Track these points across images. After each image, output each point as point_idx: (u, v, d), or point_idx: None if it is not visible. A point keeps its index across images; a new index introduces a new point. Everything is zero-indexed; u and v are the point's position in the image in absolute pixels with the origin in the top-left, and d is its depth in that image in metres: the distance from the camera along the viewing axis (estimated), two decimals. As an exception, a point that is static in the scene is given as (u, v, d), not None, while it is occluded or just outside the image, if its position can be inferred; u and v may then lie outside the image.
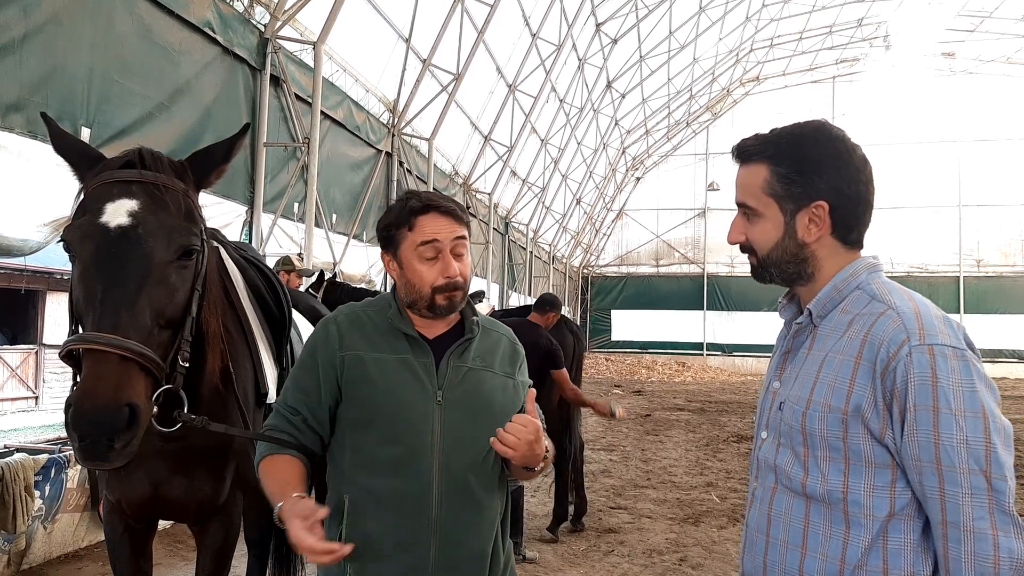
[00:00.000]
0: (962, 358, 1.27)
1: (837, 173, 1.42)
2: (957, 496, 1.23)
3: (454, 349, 1.80)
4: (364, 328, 1.81)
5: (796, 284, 1.52)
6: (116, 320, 1.79)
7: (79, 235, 1.88)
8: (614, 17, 18.21)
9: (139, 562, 2.54)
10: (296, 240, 9.00)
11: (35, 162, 5.36)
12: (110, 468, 1.86)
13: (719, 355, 28.61)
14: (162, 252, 1.91)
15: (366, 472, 1.73)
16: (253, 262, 3.08)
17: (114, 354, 1.75)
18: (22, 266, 14.58)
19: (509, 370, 1.89)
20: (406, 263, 1.79)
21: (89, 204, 1.93)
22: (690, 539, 5.92)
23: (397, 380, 1.75)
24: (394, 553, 1.70)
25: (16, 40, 4.96)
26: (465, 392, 1.78)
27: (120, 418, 1.72)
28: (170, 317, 1.95)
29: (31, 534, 4.74)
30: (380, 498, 1.72)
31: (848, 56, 27.66)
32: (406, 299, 1.82)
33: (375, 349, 1.78)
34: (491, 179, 16.71)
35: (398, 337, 1.80)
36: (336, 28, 8.78)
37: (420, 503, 1.71)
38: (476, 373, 1.82)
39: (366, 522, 1.71)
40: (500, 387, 1.85)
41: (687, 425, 12.77)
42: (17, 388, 17.44)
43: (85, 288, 1.85)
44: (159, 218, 1.93)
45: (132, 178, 1.95)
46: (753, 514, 1.50)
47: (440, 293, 1.78)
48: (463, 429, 1.75)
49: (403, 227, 1.79)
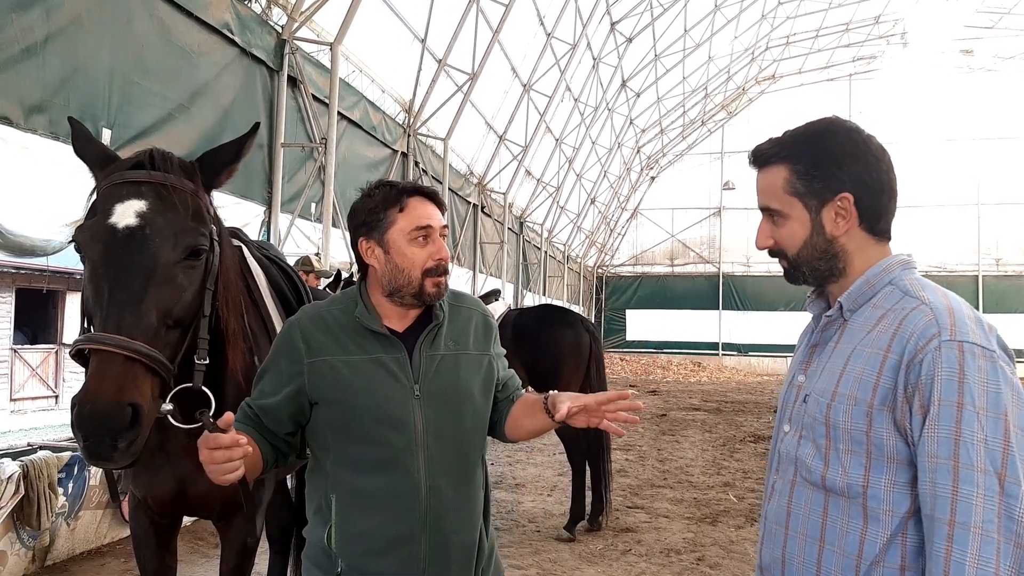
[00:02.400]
0: (990, 359, 1.25)
1: (856, 163, 1.42)
2: (971, 496, 1.19)
3: (424, 338, 1.78)
4: (330, 330, 1.77)
5: (828, 282, 1.50)
6: (122, 320, 1.81)
7: (89, 236, 1.91)
8: (629, 16, 18.17)
9: (164, 557, 2.58)
10: (313, 240, 9.05)
11: (57, 163, 5.43)
12: (115, 468, 1.88)
13: (735, 355, 28.47)
14: (169, 252, 1.93)
15: (352, 472, 1.72)
16: (275, 261, 3.11)
17: (119, 354, 1.77)
18: (44, 266, 14.75)
19: (484, 346, 1.88)
20: (394, 246, 1.76)
21: (99, 205, 1.96)
22: (708, 539, 5.91)
23: (372, 380, 1.73)
24: (387, 550, 1.70)
25: (38, 42, 5.02)
26: (442, 382, 1.77)
27: (122, 418, 1.73)
28: (178, 317, 1.96)
29: (55, 530, 4.81)
30: (368, 497, 1.71)
31: (865, 54, 27.44)
32: (389, 286, 1.78)
33: (345, 351, 1.75)
34: (506, 179, 16.71)
35: (366, 336, 1.76)
36: (352, 29, 8.82)
37: (409, 499, 1.71)
38: (450, 359, 1.80)
39: (356, 521, 1.71)
40: (476, 366, 1.84)
41: (703, 425, 12.74)
42: (38, 387, 17.64)
43: (94, 288, 1.88)
44: (166, 218, 1.95)
45: (141, 179, 1.98)
46: (772, 507, 1.50)
47: (430, 277, 1.76)
48: (444, 421, 1.75)
49: (392, 208, 1.77)
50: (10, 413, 16.50)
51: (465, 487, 1.79)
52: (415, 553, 1.71)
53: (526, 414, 1.86)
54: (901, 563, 1.30)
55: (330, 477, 1.75)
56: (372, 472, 1.71)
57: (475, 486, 1.82)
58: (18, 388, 17.19)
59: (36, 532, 4.63)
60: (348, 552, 1.71)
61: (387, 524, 1.70)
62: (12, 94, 4.88)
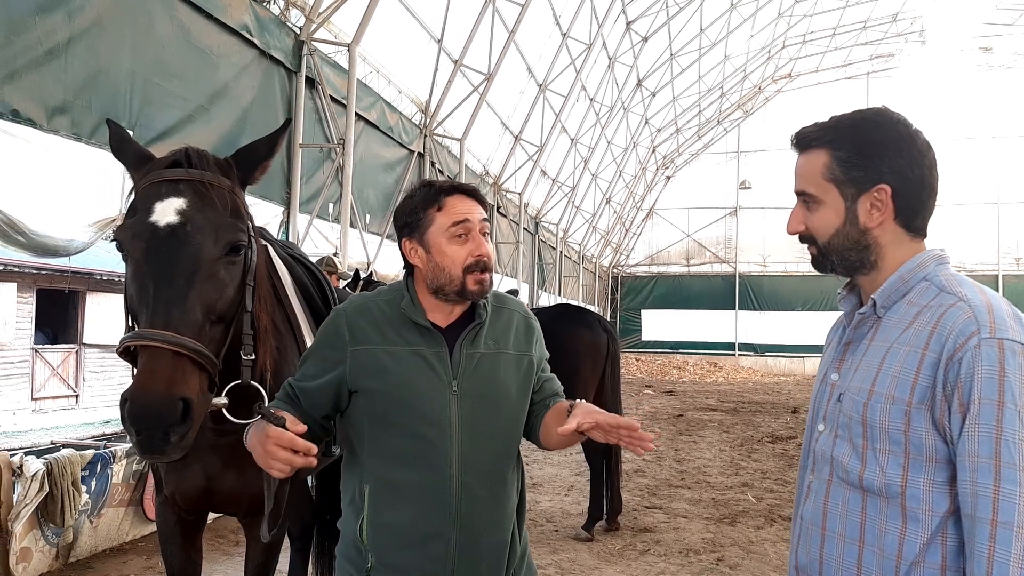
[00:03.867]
0: None
1: (899, 155, 1.39)
2: (1013, 495, 1.18)
3: (465, 336, 1.80)
4: (375, 320, 1.80)
5: (858, 273, 1.48)
6: (168, 317, 1.83)
7: (130, 235, 1.93)
8: (644, 15, 18.12)
9: (190, 553, 2.60)
10: (331, 240, 9.09)
11: (80, 164, 5.48)
12: (167, 461, 1.90)
13: (751, 355, 28.33)
14: (210, 248, 1.95)
15: (386, 464, 1.74)
16: (300, 260, 3.13)
17: (167, 350, 1.79)
18: (65, 267, 14.90)
19: (524, 347, 1.89)
20: (434, 246, 1.78)
21: (139, 204, 1.98)
22: (727, 539, 5.88)
23: (412, 372, 1.74)
24: (416, 544, 1.71)
25: (61, 44, 5.07)
26: (480, 380, 1.78)
27: (174, 412, 1.76)
28: (220, 313, 1.98)
29: (78, 528, 4.85)
30: (401, 490, 1.72)
31: (883, 52, 27.25)
32: (432, 284, 1.80)
33: (388, 341, 1.77)
34: (521, 179, 16.71)
35: (410, 328, 1.79)
36: (369, 30, 8.85)
37: (441, 495, 1.72)
38: (489, 357, 1.81)
39: (388, 513, 1.72)
40: (514, 367, 1.85)
41: (720, 425, 12.67)
42: (58, 387, 17.82)
43: (138, 286, 1.90)
44: (206, 215, 1.96)
45: (179, 176, 1.99)
46: (808, 507, 1.48)
47: (471, 273, 1.77)
48: (480, 419, 1.76)
49: (431, 208, 1.79)
50: (31, 412, 16.68)
51: (499, 487, 1.80)
52: (444, 550, 1.71)
53: (557, 421, 1.83)
54: (942, 563, 1.28)
55: (365, 468, 1.77)
56: (405, 465, 1.73)
57: (508, 486, 1.83)
58: (39, 387, 17.36)
59: (60, 529, 4.68)
60: (379, 545, 1.72)
61: (418, 519, 1.71)
62: (36, 95, 4.94)
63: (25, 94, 4.85)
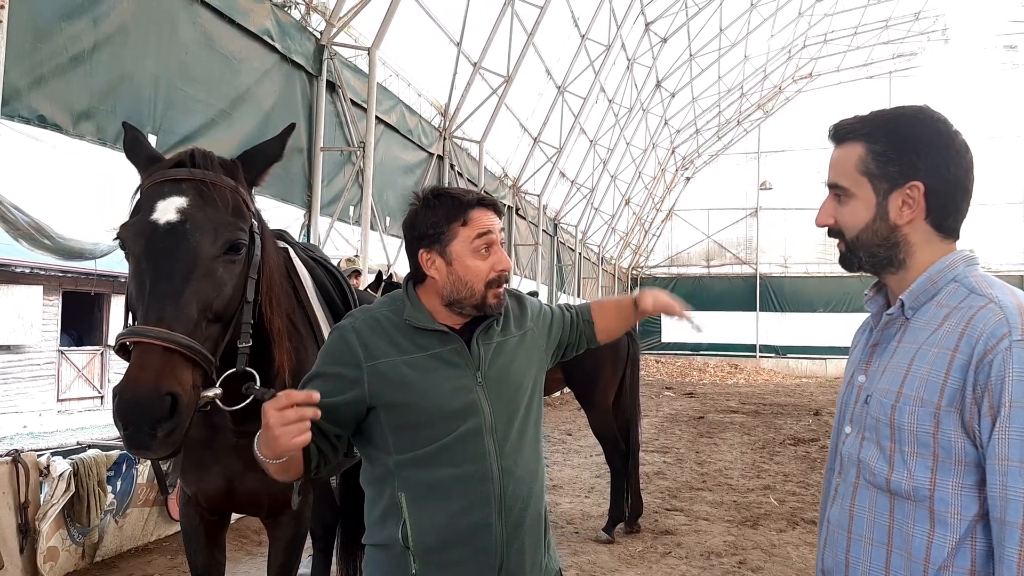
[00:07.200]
0: None
1: (936, 154, 1.37)
2: None
3: (480, 330, 1.82)
4: (385, 332, 1.77)
5: (885, 271, 1.46)
6: (162, 313, 1.84)
7: (131, 232, 1.96)
8: (663, 16, 18.05)
9: (213, 553, 2.62)
10: (352, 242, 9.14)
11: (105, 168, 5.55)
12: (155, 457, 1.89)
13: (772, 357, 28.07)
14: (208, 246, 1.97)
15: (422, 468, 1.72)
16: (321, 262, 3.15)
17: (158, 345, 1.80)
18: (91, 270, 15.10)
19: (521, 322, 1.94)
20: (457, 259, 1.76)
21: (142, 203, 2.01)
22: (749, 542, 5.84)
23: (435, 376, 1.74)
24: (467, 537, 1.72)
25: (86, 50, 5.15)
26: (501, 365, 1.82)
27: (161, 407, 1.75)
28: (219, 311, 1.99)
29: (103, 527, 4.91)
30: (442, 488, 1.72)
31: (905, 51, 26.92)
32: (449, 297, 1.78)
33: (403, 351, 1.75)
34: (540, 181, 16.70)
35: (420, 334, 1.78)
36: (389, 33, 8.90)
37: (484, 484, 1.73)
38: (502, 343, 1.86)
39: (432, 513, 1.72)
40: (522, 344, 1.90)
41: (741, 427, 12.58)
42: (84, 388, 18.05)
43: (137, 283, 1.93)
44: (206, 214, 1.98)
45: (182, 176, 2.02)
46: (834, 510, 1.47)
47: (492, 288, 1.78)
48: (507, 403, 1.80)
49: (456, 222, 1.77)
50: (57, 413, 16.91)
51: (533, 462, 1.85)
52: (492, 536, 1.73)
53: (605, 316, 2.21)
54: (971, 567, 1.26)
55: (397, 477, 1.74)
56: (444, 464, 1.73)
57: (539, 460, 1.88)
58: (65, 389, 17.61)
59: (86, 529, 4.74)
60: (426, 546, 1.71)
61: (464, 512, 1.72)
62: (61, 101, 5.01)
63: (51, 100, 4.93)
